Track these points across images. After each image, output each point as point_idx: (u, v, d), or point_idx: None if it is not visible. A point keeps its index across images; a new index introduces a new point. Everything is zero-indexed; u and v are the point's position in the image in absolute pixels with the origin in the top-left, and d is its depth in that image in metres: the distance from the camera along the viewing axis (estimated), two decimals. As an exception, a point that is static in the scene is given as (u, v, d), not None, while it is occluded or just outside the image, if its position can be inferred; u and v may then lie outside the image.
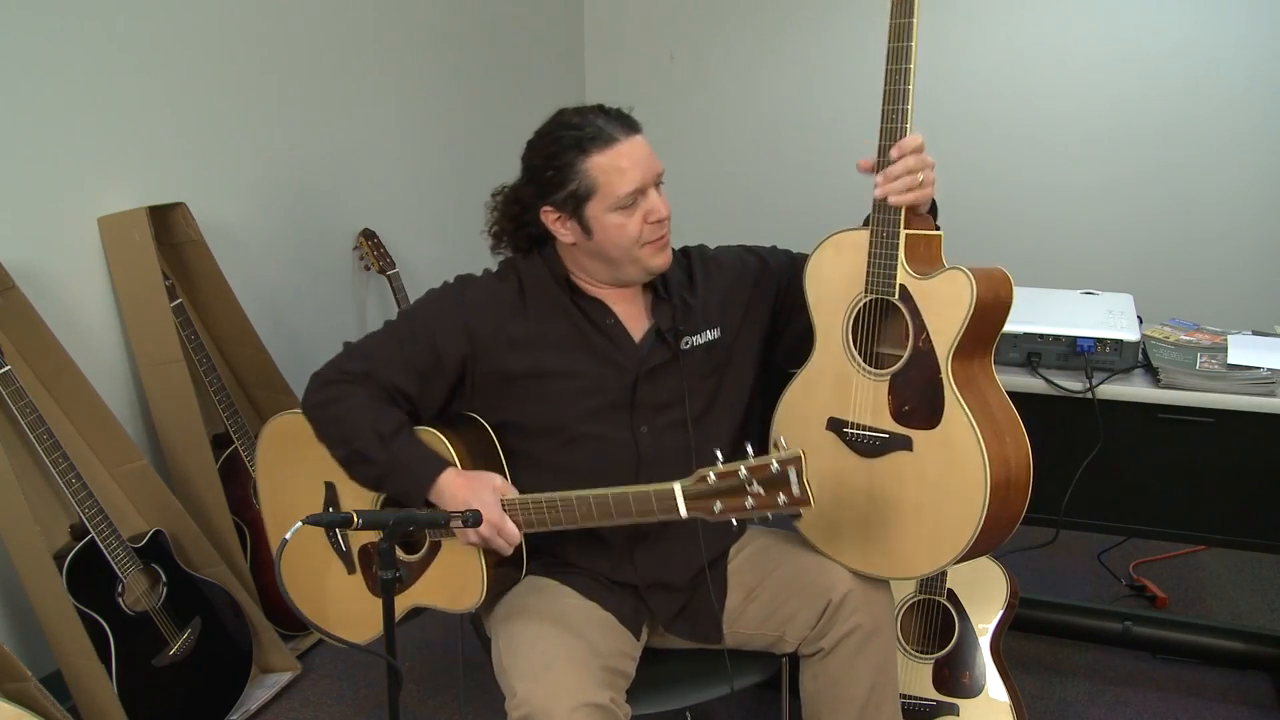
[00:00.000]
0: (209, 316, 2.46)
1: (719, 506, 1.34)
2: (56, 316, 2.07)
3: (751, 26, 3.80)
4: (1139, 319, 2.02)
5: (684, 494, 1.36)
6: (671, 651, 1.67)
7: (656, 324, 1.58)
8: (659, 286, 1.61)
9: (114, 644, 1.98)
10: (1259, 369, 1.83)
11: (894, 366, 1.49)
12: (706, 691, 1.59)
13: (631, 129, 1.51)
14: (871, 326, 1.51)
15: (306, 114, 2.77)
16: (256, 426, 2.43)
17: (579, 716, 1.36)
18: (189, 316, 2.32)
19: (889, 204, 1.44)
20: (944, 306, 1.43)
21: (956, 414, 1.43)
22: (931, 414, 1.45)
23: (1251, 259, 3.34)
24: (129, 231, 2.19)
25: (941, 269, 1.44)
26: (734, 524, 1.41)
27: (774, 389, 1.67)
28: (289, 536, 1.34)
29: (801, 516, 1.47)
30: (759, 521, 1.36)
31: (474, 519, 1.42)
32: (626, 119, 1.52)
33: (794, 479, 1.29)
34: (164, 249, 2.32)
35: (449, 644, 2.49)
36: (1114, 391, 1.87)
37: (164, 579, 2.11)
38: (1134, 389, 1.87)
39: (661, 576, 1.60)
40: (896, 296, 1.46)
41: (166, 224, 2.32)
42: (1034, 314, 1.96)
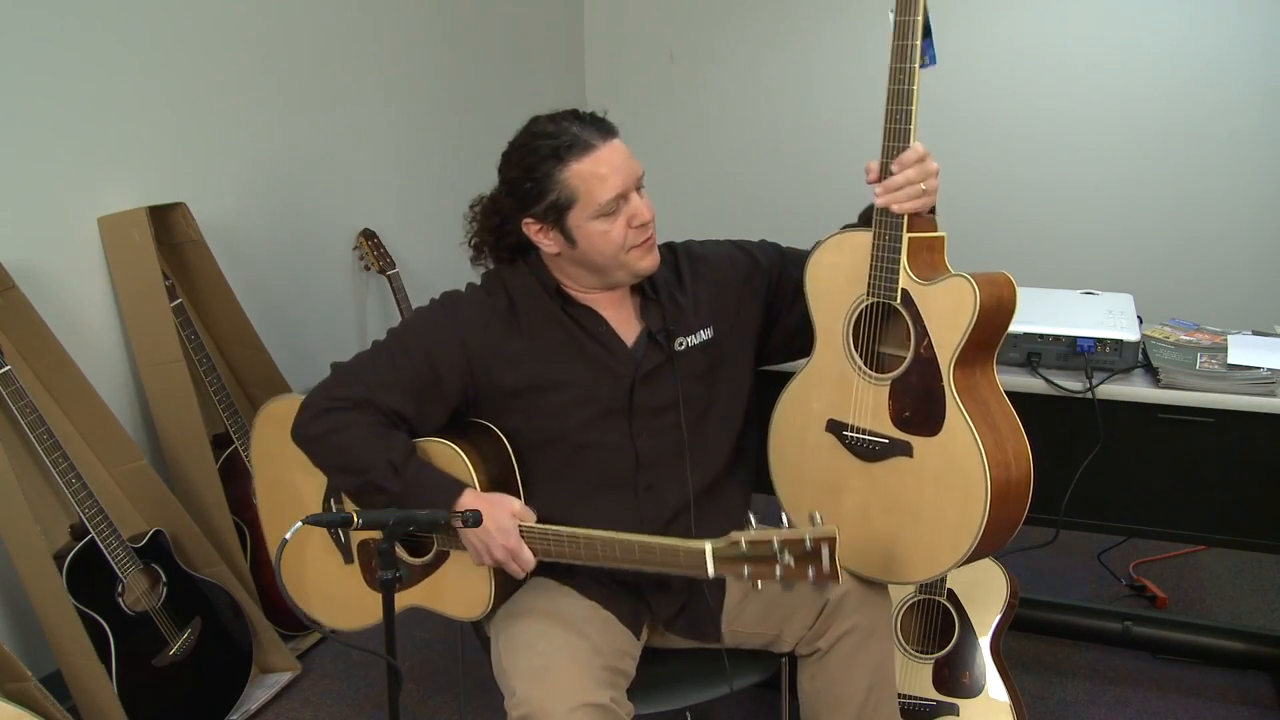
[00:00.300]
0: (209, 316, 2.46)
1: (747, 571, 1.34)
2: (56, 316, 2.07)
3: (751, 26, 3.80)
4: (1139, 319, 2.02)
5: (714, 555, 1.35)
6: (671, 651, 1.67)
7: (647, 326, 1.57)
8: (646, 287, 1.58)
9: (114, 644, 1.98)
10: (1259, 369, 1.83)
11: (895, 371, 1.47)
12: (706, 691, 1.59)
13: (609, 133, 1.48)
14: (873, 329, 1.49)
15: (307, 114, 2.77)
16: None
17: (578, 717, 1.36)
18: (189, 316, 2.32)
19: (892, 212, 1.42)
20: (946, 314, 1.41)
21: (958, 423, 1.41)
22: (932, 421, 1.44)
23: (1251, 259, 3.34)
24: (129, 231, 2.19)
25: (944, 275, 1.42)
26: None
27: (767, 385, 1.67)
28: (289, 536, 1.34)
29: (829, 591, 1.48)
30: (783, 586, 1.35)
31: (474, 519, 1.42)
32: (603, 123, 1.49)
33: (826, 557, 1.29)
34: (164, 249, 2.32)
35: (449, 644, 2.49)
36: (1114, 391, 1.87)
37: (164, 579, 2.11)
38: (1134, 389, 1.87)
39: (662, 578, 1.60)
40: (898, 301, 1.44)
41: (166, 224, 2.32)
42: (1034, 314, 1.95)
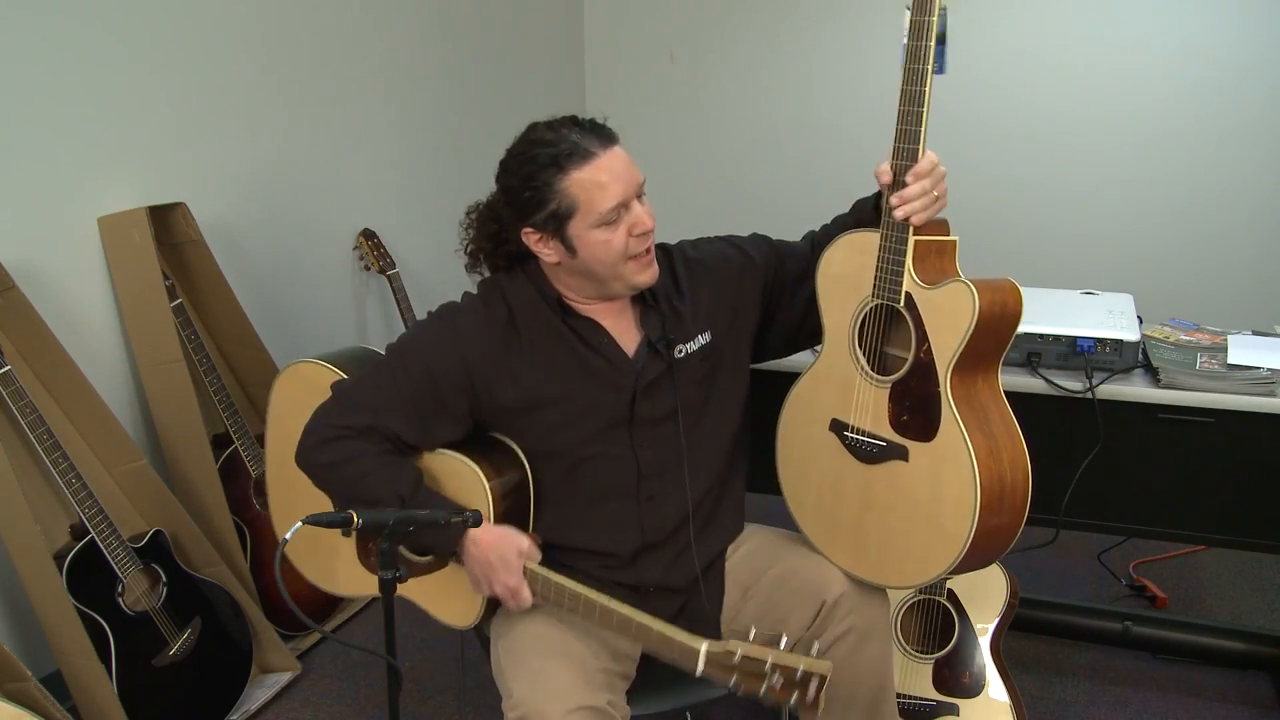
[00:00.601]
0: (209, 316, 2.46)
1: (734, 680, 1.34)
2: (56, 316, 2.07)
3: (751, 26, 3.79)
4: (1139, 319, 2.02)
5: (706, 658, 1.36)
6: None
7: (647, 336, 1.56)
8: (646, 295, 1.57)
9: (114, 644, 1.98)
10: (1259, 369, 1.83)
11: (897, 373, 1.46)
12: (706, 691, 1.59)
13: (609, 140, 1.45)
14: (879, 330, 1.49)
15: (307, 114, 2.77)
16: (256, 426, 2.43)
17: (574, 719, 1.36)
18: (189, 316, 2.32)
19: (911, 222, 1.40)
20: (946, 319, 1.39)
21: (952, 429, 1.40)
22: (928, 426, 1.43)
23: (1251, 259, 3.34)
24: (129, 231, 2.19)
25: (949, 279, 1.40)
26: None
27: (770, 383, 1.67)
28: (289, 536, 1.33)
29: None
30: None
31: (475, 519, 1.42)
32: (603, 130, 1.46)
33: (814, 689, 1.32)
34: (164, 249, 2.32)
35: (449, 644, 2.49)
36: (1114, 391, 1.87)
37: (164, 579, 2.11)
38: (1134, 389, 1.88)
39: (663, 580, 1.60)
40: (902, 304, 1.43)
41: (166, 224, 2.32)
42: (1034, 314, 1.95)
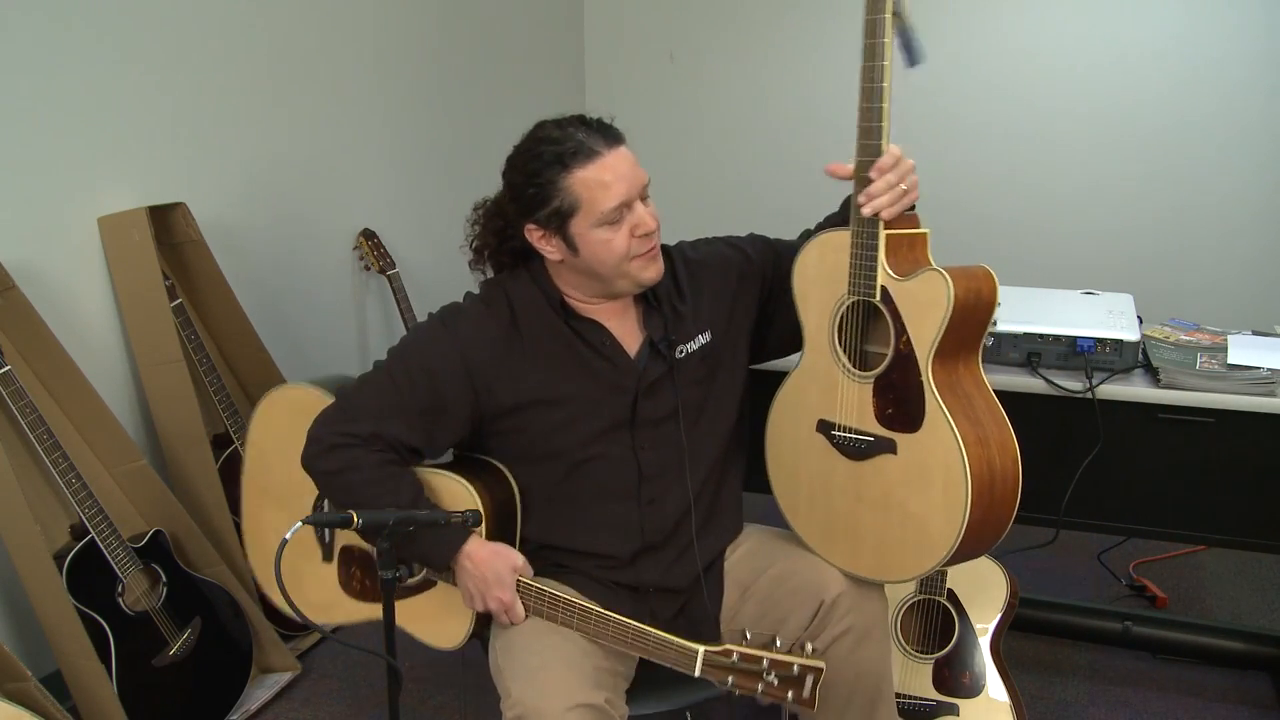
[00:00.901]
0: (209, 316, 2.46)
1: (731, 681, 1.39)
2: (56, 316, 2.07)
3: (751, 26, 3.80)
4: (1139, 319, 2.02)
5: (704, 660, 1.40)
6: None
7: (650, 336, 1.56)
8: (649, 295, 1.57)
9: (114, 644, 1.99)
10: (1259, 369, 1.83)
11: (878, 369, 1.47)
12: (706, 691, 1.59)
13: (614, 140, 1.46)
14: (857, 327, 1.49)
15: (306, 114, 2.77)
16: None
17: (572, 717, 1.36)
18: (189, 316, 2.32)
19: (880, 217, 1.41)
20: (922, 308, 1.40)
21: (937, 417, 1.41)
22: (913, 417, 1.44)
23: (1251, 259, 3.34)
24: (129, 231, 2.19)
25: (923, 269, 1.41)
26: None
27: (760, 383, 1.67)
28: (289, 536, 1.33)
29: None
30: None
31: (475, 519, 1.43)
32: (608, 130, 1.47)
33: (809, 686, 1.37)
34: (164, 249, 2.32)
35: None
36: (1114, 391, 1.87)
37: (164, 579, 2.11)
38: (1134, 389, 1.87)
39: (663, 581, 1.60)
40: (878, 298, 1.44)
41: (166, 224, 2.32)
42: (1034, 314, 1.96)
